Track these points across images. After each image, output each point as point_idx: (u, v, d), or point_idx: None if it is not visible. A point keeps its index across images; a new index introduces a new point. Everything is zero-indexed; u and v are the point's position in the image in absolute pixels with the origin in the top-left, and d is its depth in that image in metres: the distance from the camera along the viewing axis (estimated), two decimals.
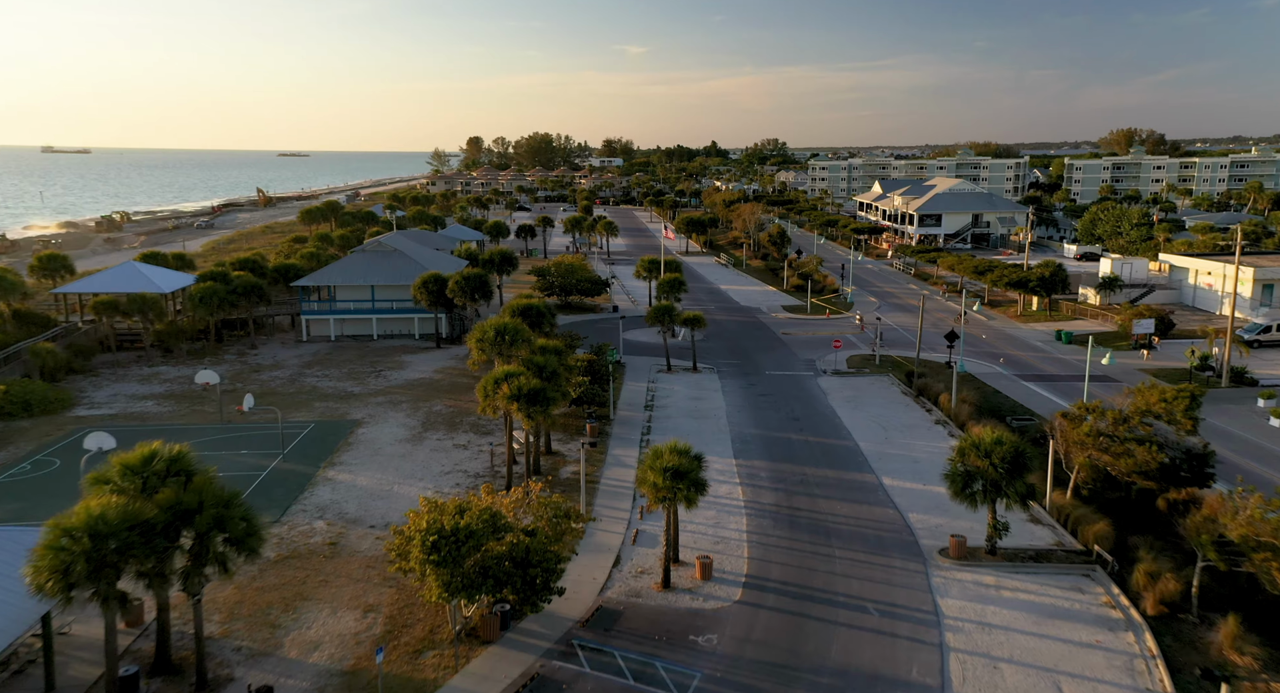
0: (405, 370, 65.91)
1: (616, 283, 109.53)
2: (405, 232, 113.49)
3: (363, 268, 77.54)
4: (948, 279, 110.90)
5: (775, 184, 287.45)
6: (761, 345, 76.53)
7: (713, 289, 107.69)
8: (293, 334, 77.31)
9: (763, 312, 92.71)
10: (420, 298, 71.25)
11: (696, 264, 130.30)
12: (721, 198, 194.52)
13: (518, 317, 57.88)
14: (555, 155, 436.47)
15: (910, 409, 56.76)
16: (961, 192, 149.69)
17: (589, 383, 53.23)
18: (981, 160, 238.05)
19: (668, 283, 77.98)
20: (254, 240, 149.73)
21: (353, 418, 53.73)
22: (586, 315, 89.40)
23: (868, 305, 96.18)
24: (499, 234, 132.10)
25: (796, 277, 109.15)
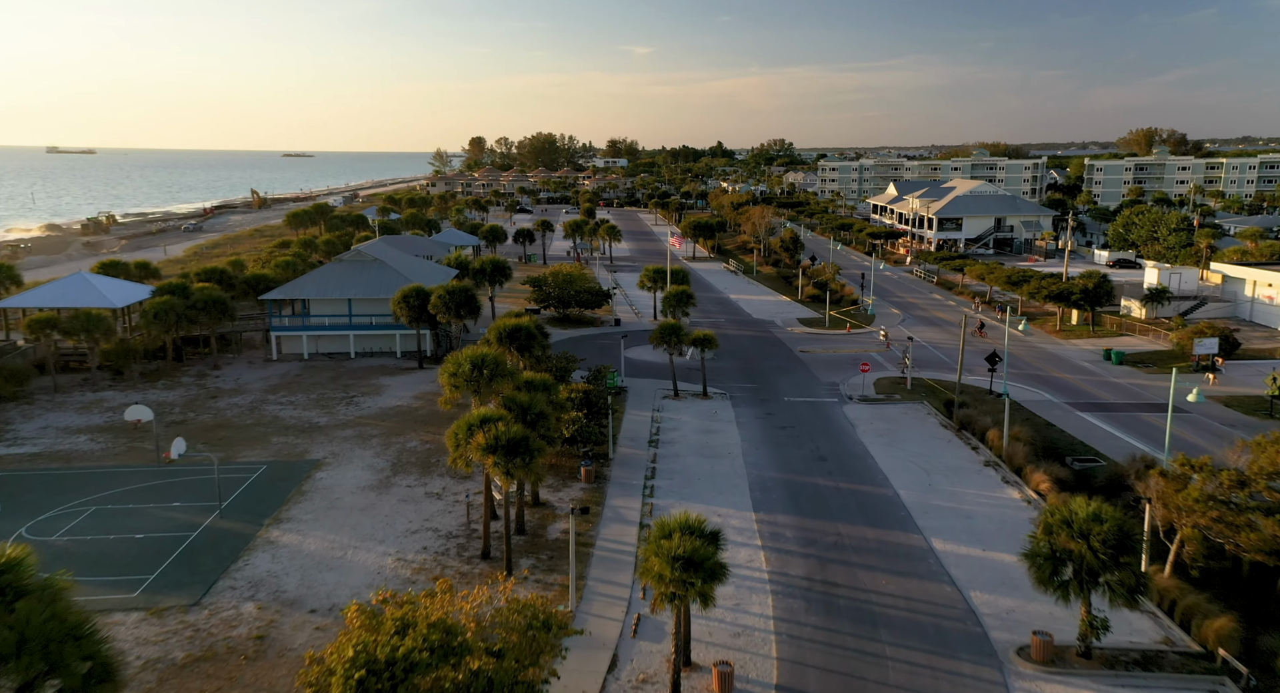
0: (381, 396, 58.85)
1: (619, 293, 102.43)
2: (392, 238, 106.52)
3: (339, 280, 70.53)
4: (974, 288, 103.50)
5: (784, 185, 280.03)
6: (778, 365, 69.32)
7: (722, 299, 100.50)
8: (265, 352, 70.32)
9: (777, 325, 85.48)
10: (400, 314, 64.24)
11: (704, 271, 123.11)
12: (729, 200, 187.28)
13: (504, 340, 50.85)
14: (559, 156, 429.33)
15: (953, 447, 49.50)
16: (983, 194, 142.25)
17: (584, 419, 46.10)
18: (998, 161, 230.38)
19: (674, 296, 70.84)
20: (240, 244, 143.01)
21: (313, 457, 46.66)
22: (586, 329, 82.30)
23: (890, 317, 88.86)
24: (495, 239, 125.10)
25: (812, 286, 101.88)
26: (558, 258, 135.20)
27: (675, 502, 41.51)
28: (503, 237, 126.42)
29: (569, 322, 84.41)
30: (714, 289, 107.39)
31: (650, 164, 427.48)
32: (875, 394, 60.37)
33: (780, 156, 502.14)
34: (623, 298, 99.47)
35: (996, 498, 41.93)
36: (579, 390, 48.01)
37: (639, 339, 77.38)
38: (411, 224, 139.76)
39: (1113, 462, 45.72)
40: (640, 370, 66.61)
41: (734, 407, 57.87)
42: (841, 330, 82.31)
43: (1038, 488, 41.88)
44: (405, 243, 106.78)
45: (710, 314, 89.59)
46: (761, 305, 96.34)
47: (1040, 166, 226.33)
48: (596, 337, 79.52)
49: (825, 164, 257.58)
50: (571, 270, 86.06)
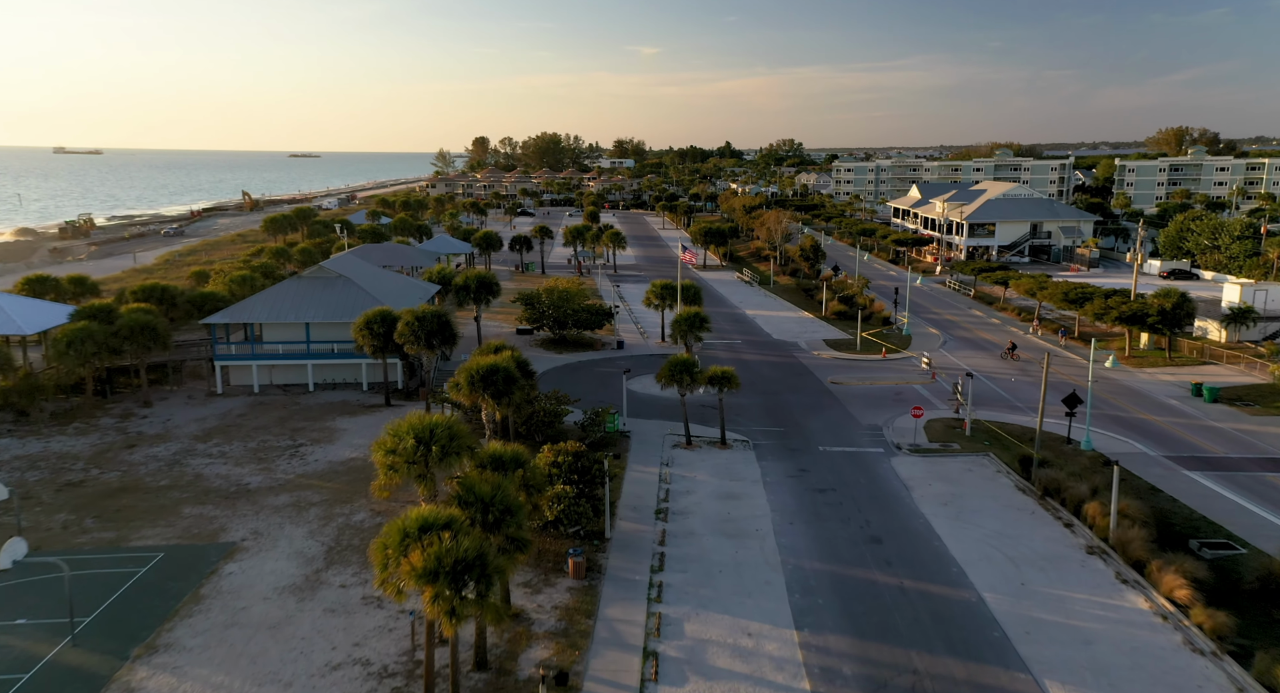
0: (335, 444, 48.92)
1: (623, 308, 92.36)
2: (372, 247, 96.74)
3: (296, 300, 60.65)
4: (1016, 302, 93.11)
5: (796, 187, 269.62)
6: (807, 401, 59.17)
7: (737, 315, 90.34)
8: (210, 384, 60.44)
9: (801, 348, 75.29)
10: (363, 342, 54.35)
11: (716, 281, 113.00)
12: (741, 203, 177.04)
13: (477, 385, 40.93)
14: (564, 156, 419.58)
15: (1039, 522, 39.30)
16: (1017, 197, 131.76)
17: (575, 493, 36.05)
18: (1022, 161, 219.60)
19: (686, 319, 60.78)
20: (219, 250, 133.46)
21: (228, 539, 36.72)
22: (584, 354, 72.30)
23: (928, 339, 78.59)
24: (489, 247, 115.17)
25: (837, 301, 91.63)
26: (558, 266, 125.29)
27: (691, 610, 31.55)
28: (497, 244, 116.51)
29: (565, 344, 74.44)
30: (727, 303, 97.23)
31: (657, 165, 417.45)
32: (928, 443, 50.17)
33: (790, 157, 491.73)
34: (626, 314, 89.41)
35: (1118, 608, 31.73)
36: (568, 453, 37.99)
37: (645, 365, 67.34)
38: (400, 230, 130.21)
39: (1255, 549, 35.53)
40: (646, 407, 56.56)
41: (759, 460, 47.77)
42: (875, 355, 72.07)
43: (1172, 595, 31.68)
44: (386, 253, 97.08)
45: (725, 334, 79.50)
46: (782, 323, 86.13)
47: (1068, 167, 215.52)
48: (596, 362, 69.52)
49: (840, 165, 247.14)
50: (569, 286, 76.09)
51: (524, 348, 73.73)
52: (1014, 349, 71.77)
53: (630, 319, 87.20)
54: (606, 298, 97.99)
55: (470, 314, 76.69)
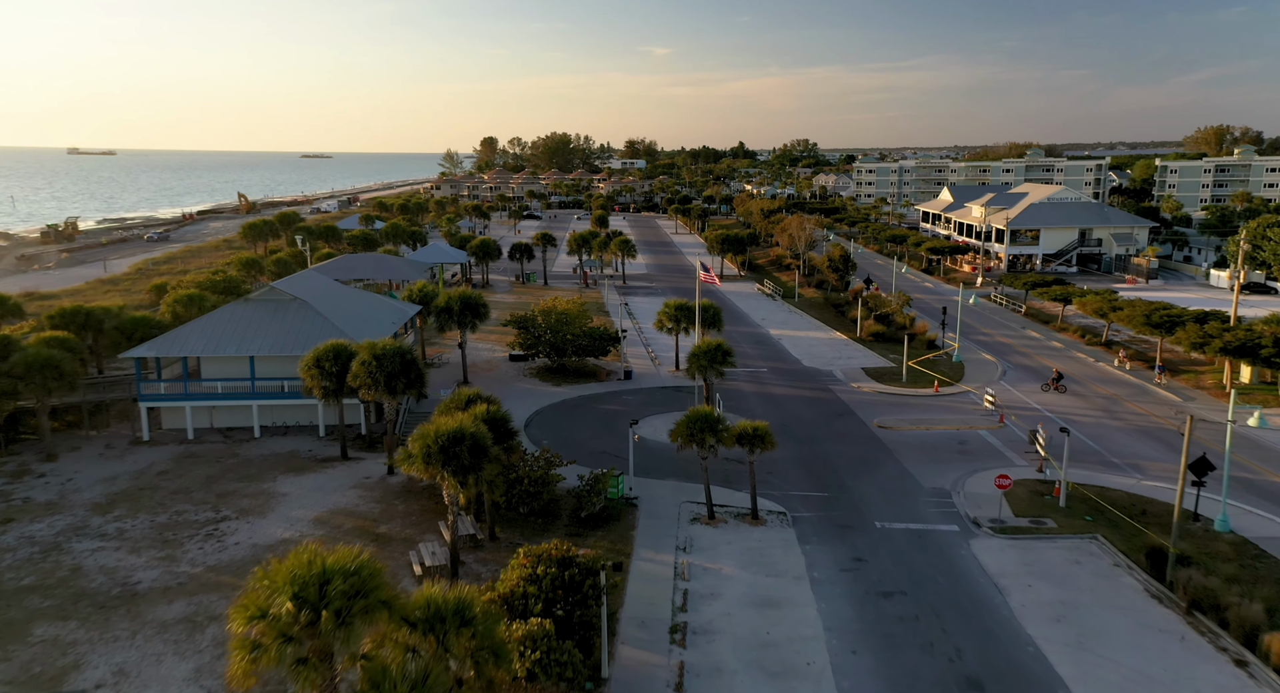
0: (267, 518, 38.96)
1: (633, 326, 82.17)
2: (355, 258, 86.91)
3: (239, 329, 50.74)
4: (1076, 321, 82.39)
5: (814, 188, 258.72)
6: (852, 452, 48.86)
7: (759, 336, 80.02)
8: (136, 428, 50.56)
9: (837, 379, 64.92)
10: (311, 383, 44.41)
11: (734, 294, 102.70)
12: (758, 206, 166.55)
13: (434, 459, 30.96)
14: (574, 157, 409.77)
15: (1196, 654, 28.86)
16: (1063, 201, 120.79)
17: (554, 629, 25.82)
18: (1055, 162, 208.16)
19: (706, 353, 50.57)
20: (199, 258, 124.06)
21: (71, 690, 26.64)
22: (586, 386, 62.15)
23: (983, 368, 68.07)
24: (486, 256, 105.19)
25: (873, 320, 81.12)
26: (562, 276, 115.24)
27: None
28: (495, 253, 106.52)
29: (565, 374, 64.32)
30: (748, 321, 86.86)
31: (669, 165, 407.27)
32: (1014, 517, 39.75)
33: (805, 157, 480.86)
34: (636, 334, 79.17)
35: None
36: (551, 561, 27.83)
37: (657, 401, 57.18)
38: (393, 236, 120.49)
39: None
40: (658, 460, 46.39)
41: (800, 541, 37.52)
42: (925, 390, 61.61)
43: None
44: (370, 264, 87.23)
45: (747, 360, 69.25)
46: (812, 347, 75.69)
47: (1103, 168, 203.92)
48: (600, 397, 59.38)
49: (861, 166, 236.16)
50: (568, 306, 65.89)
51: (516, 378, 63.78)
52: (1059, 380, 61.52)
53: (640, 340, 77.00)
54: (614, 313, 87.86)
55: (453, 340, 66.62)
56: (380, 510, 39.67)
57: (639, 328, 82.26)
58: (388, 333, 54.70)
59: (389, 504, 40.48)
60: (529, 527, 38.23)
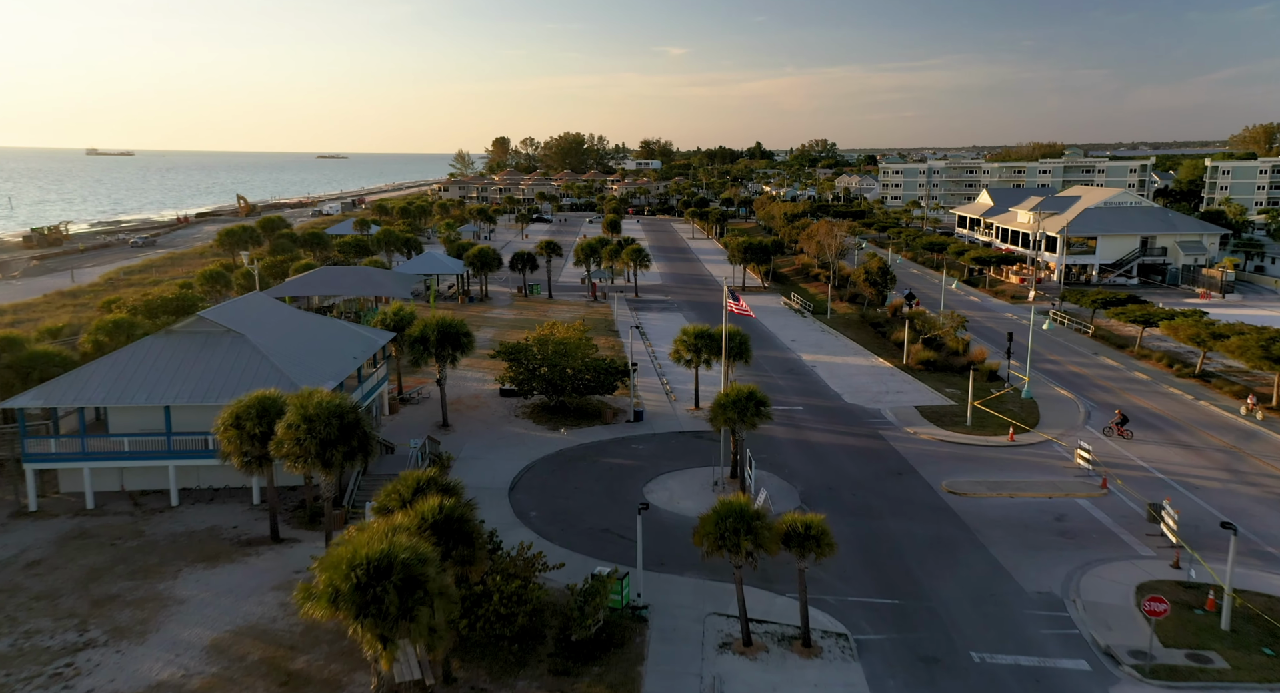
0: (147, 641, 28.97)
1: (645, 349, 71.94)
2: (326, 272, 77.07)
3: (156, 370, 40.91)
4: (1155, 344, 71.42)
5: (836, 190, 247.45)
6: (921, 531, 38.43)
7: (790, 362, 69.57)
8: (22, 491, 40.79)
9: (888, 421, 54.39)
10: (229, 448, 34.50)
11: (758, 309, 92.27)
12: (781, 211, 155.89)
13: (349, 602, 20.90)
14: (587, 157, 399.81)
15: None
16: (1122, 206, 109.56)
17: None
18: (1096, 162, 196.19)
19: (736, 403, 40.26)
20: (178, 267, 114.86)
21: None
22: (588, 431, 51.95)
23: (1060, 408, 57.33)
24: (484, 266, 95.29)
25: (922, 343, 70.48)
26: (569, 288, 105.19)
27: None
28: (495, 263, 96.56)
29: (564, 413, 54.14)
30: (777, 343, 76.36)
31: (685, 166, 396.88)
32: (1162, 649, 29.18)
33: (824, 158, 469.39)
34: (648, 360, 68.93)
35: None
36: None
37: (674, 454, 46.91)
38: (386, 243, 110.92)
39: None
40: (674, 543, 36.11)
41: (870, 685, 27.19)
42: (997, 437, 50.99)
43: None
44: (350, 278, 77.45)
45: (779, 394, 58.91)
46: (852, 377, 65.14)
47: (1148, 169, 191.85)
48: (605, 447, 49.20)
49: (887, 167, 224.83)
50: (568, 335, 55.54)
51: (507, 419, 53.68)
52: (1124, 423, 51.05)
53: (654, 368, 66.74)
54: (623, 332, 77.64)
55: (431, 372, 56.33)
56: (302, 632, 29.61)
57: (652, 352, 71.99)
58: (347, 371, 44.79)
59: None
60: (500, 658, 28.12)
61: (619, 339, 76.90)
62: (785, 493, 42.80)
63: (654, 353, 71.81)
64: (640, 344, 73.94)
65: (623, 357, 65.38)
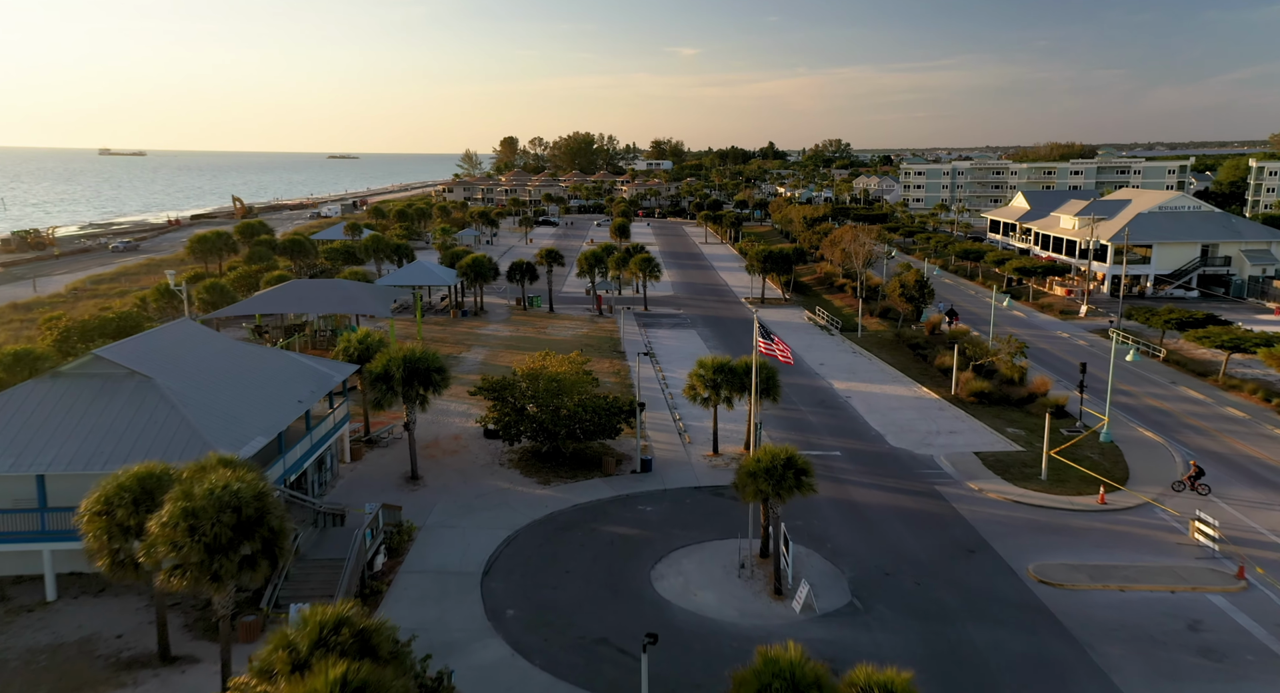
0: None
1: (656, 376, 63.05)
2: (295, 286, 68.38)
3: (32, 425, 32.27)
4: (1240, 372, 62.02)
5: (854, 191, 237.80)
6: (1020, 651, 29.35)
7: (821, 392, 60.53)
8: None
9: (945, 473, 45.29)
10: (94, 544, 25.86)
11: (779, 325, 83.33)
12: (799, 214, 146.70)
13: None
14: (597, 157, 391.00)
15: None
16: (1179, 210, 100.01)
17: None
18: (1132, 163, 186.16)
19: (770, 472, 31.36)
20: (153, 274, 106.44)
21: None
22: (585, 485, 43.14)
23: (1148, 453, 48.08)
24: (479, 276, 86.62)
25: (972, 370, 61.26)
26: (572, 300, 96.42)
27: None
28: (490, 272, 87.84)
29: (558, 461, 45.33)
30: (803, 366, 67.30)
31: (697, 166, 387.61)
32: None
33: (838, 158, 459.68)
34: (658, 389, 60.03)
35: None
36: None
37: (687, 514, 37.91)
38: (374, 250, 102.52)
39: None
40: (694, 659, 27.13)
41: None
42: (1083, 497, 41.81)
43: None
44: (321, 293, 68.86)
45: (810, 433, 50.03)
46: (895, 411, 56.01)
47: (1187, 170, 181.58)
48: (605, 507, 40.34)
49: (908, 167, 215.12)
50: (563, 369, 46.54)
51: (490, 467, 44.97)
52: (1199, 477, 42.12)
53: (664, 399, 57.84)
54: (630, 353, 68.80)
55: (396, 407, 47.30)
56: None
57: (663, 379, 63.07)
58: (286, 421, 36.11)
59: None
60: None
61: (625, 361, 68.12)
62: (831, 581, 33.82)
63: (665, 380, 62.90)
64: (649, 368, 65.04)
65: (628, 387, 56.79)
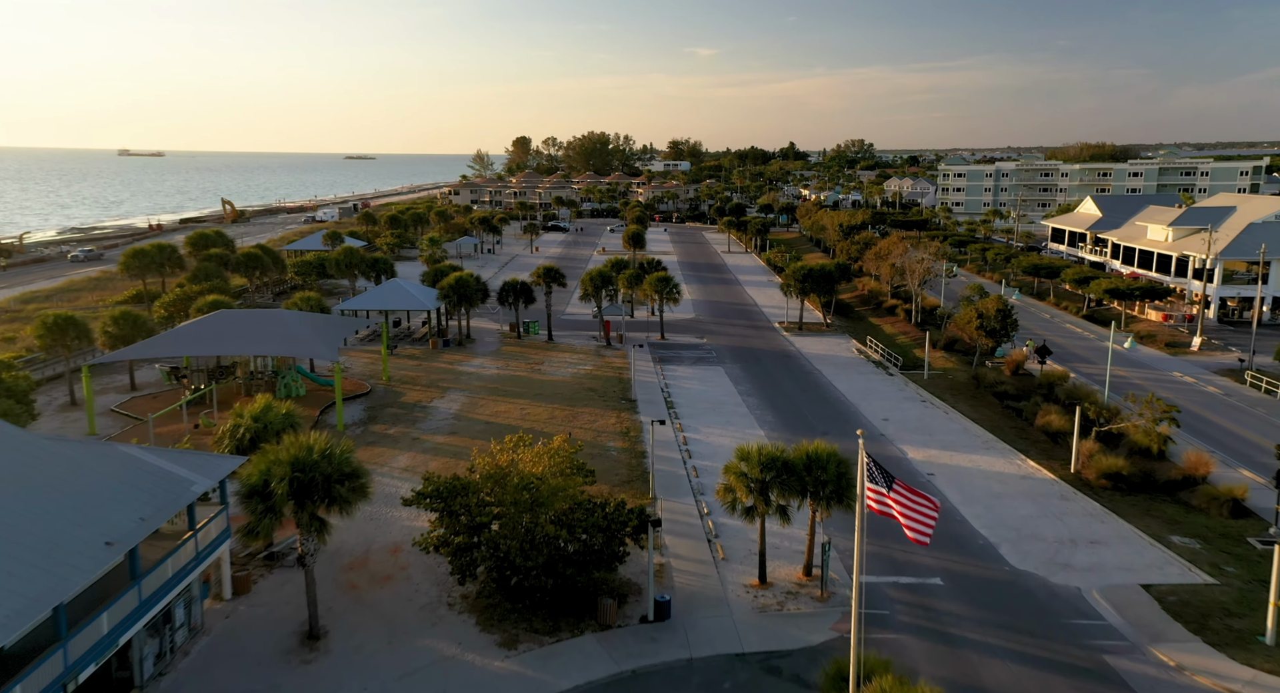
0: None
1: (674, 429, 48.25)
2: (207, 323, 53.76)
3: None
4: None
5: (886, 194, 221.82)
6: None
7: (893, 464, 45.50)
8: None
9: (1108, 626, 30.27)
10: None
11: (820, 359, 68.63)
12: (833, 220, 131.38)
13: None
14: (612, 158, 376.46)
15: None
16: None
17: None
18: (1199, 163, 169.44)
19: None
20: (101, 290, 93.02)
21: None
22: (570, 646, 28.55)
23: None
24: (462, 299, 72.28)
25: (1094, 440, 45.95)
26: (575, 325, 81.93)
27: None
28: (474, 295, 73.37)
29: (532, 602, 30.67)
30: (861, 419, 52.25)
31: (716, 167, 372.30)
32: None
33: (862, 158, 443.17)
34: (678, 456, 45.25)
35: None
36: None
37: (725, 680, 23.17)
38: (344, 265, 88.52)
39: None
40: None
41: None
42: None
43: None
44: (253, 329, 54.48)
45: (888, 538, 35.27)
46: (1000, 499, 40.97)
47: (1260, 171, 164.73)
48: None
49: (947, 168, 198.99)
50: (547, 464, 31.80)
51: (429, 615, 30.53)
52: None
53: (686, 478, 43.09)
54: (642, 402, 54.13)
55: None
56: None
57: (684, 444, 48.32)
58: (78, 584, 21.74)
59: None
60: None
61: (635, 414, 53.52)
62: None
63: (687, 447, 48.15)
64: (666, 426, 50.29)
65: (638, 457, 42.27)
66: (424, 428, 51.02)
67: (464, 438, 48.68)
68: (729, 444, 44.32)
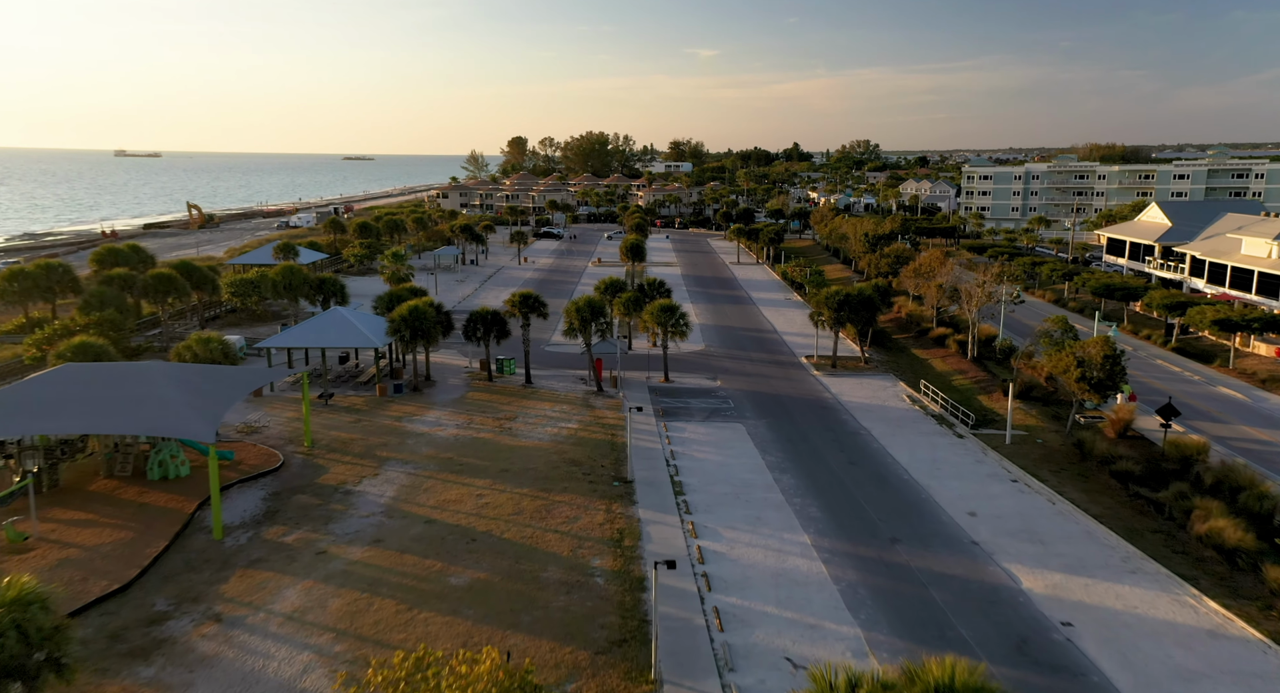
0: None
1: (684, 528, 33.58)
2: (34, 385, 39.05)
3: None
4: None
5: (902, 198, 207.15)
6: None
7: (1004, 599, 30.84)
8: None
9: None
10: None
11: (864, 410, 54.08)
12: (860, 229, 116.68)
13: None
14: (611, 159, 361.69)
15: None
16: None
17: None
18: (1252, 165, 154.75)
19: None
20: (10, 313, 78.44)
21: None
22: None
23: None
24: (418, 333, 57.56)
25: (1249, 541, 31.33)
26: (561, 362, 67.28)
27: None
28: (433, 329, 58.56)
29: None
30: (932, 512, 37.63)
31: (719, 169, 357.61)
32: None
33: (868, 160, 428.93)
34: (693, 583, 30.61)
35: None
36: None
37: None
38: (287, 287, 74.00)
39: None
40: None
41: None
42: None
43: None
44: (107, 390, 39.81)
45: None
46: (1196, 681, 26.44)
47: None
48: None
49: (972, 170, 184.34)
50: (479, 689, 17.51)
51: None
52: None
53: (707, 644, 28.42)
54: (642, 479, 39.60)
55: None
56: None
57: (703, 569, 33.60)
58: None
59: None
60: None
61: (632, 508, 38.94)
62: None
63: (703, 564, 33.52)
64: (674, 529, 35.61)
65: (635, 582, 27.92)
66: (338, 533, 36.53)
67: (389, 554, 34.23)
68: (763, 563, 30.34)
